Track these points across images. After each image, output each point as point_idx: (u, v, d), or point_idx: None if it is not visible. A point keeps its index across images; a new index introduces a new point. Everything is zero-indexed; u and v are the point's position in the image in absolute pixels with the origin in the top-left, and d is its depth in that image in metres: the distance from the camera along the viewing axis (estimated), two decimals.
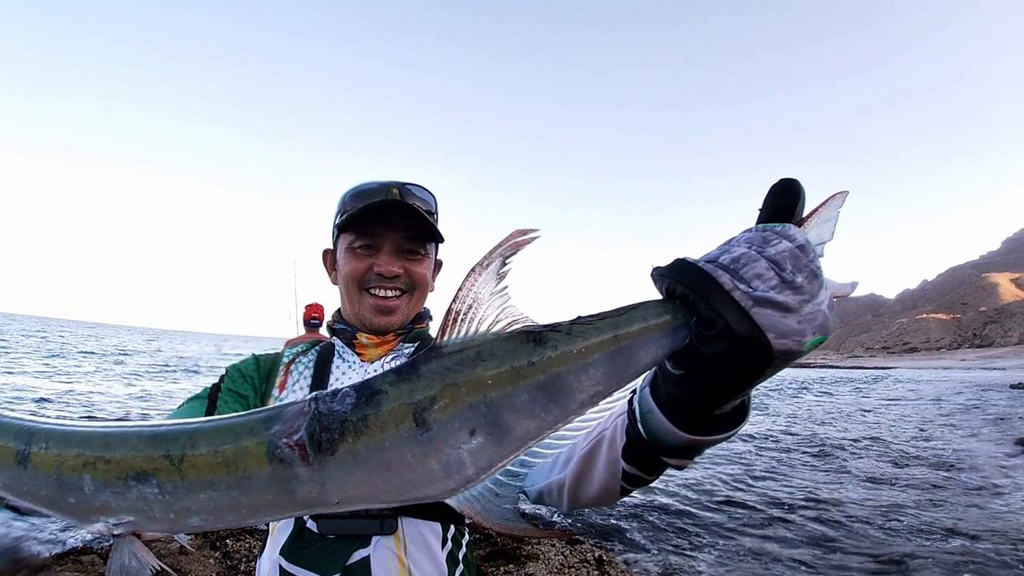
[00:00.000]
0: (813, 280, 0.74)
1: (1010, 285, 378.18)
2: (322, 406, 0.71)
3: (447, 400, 0.69)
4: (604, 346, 0.74)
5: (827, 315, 0.74)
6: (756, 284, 0.73)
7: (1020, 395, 33.52)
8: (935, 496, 9.48)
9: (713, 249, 0.80)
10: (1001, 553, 6.57)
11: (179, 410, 1.57)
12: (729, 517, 7.99)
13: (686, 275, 0.76)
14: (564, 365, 0.72)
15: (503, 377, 0.70)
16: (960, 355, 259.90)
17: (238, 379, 1.68)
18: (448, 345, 0.72)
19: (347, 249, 1.69)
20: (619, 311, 0.77)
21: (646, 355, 0.76)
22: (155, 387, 21.13)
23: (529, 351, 0.72)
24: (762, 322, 0.71)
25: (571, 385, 0.73)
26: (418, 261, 1.72)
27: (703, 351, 0.75)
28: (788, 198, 0.82)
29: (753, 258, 0.75)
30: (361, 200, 1.64)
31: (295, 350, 1.79)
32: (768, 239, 0.77)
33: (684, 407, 0.84)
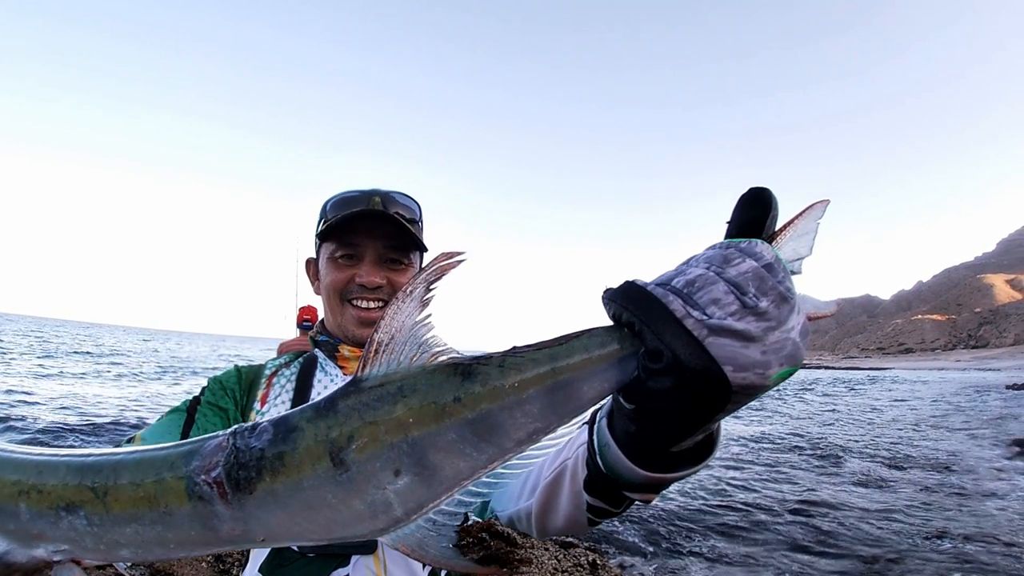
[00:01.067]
0: (781, 304, 0.66)
1: (1005, 286, 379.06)
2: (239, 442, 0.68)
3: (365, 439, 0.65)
4: (541, 380, 0.68)
5: (797, 343, 0.66)
6: (712, 310, 0.65)
7: (1015, 396, 33.57)
8: (929, 498, 9.50)
9: (669, 270, 0.72)
10: (993, 554, 6.59)
11: (157, 423, 1.53)
12: (725, 519, 8.00)
13: (633, 300, 0.68)
14: (495, 401, 0.66)
15: (426, 414, 0.65)
16: (955, 356, 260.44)
17: (219, 392, 1.64)
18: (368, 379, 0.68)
19: (328, 259, 1.67)
20: (560, 340, 0.70)
21: (590, 389, 0.69)
22: (150, 389, 20.93)
23: (455, 386, 0.66)
24: (718, 354, 0.63)
25: (504, 423, 0.67)
26: (401, 271, 1.68)
27: (651, 386, 0.67)
28: (757, 209, 0.74)
29: (711, 280, 0.67)
30: (342, 208, 1.62)
31: (277, 362, 1.75)
32: (730, 258, 0.69)
33: (639, 443, 0.76)
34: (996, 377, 62.92)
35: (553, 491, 1.02)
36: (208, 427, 1.53)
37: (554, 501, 1.03)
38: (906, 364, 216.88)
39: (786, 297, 0.66)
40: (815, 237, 0.83)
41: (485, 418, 0.66)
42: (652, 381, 0.66)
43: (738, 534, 7.40)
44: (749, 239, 0.71)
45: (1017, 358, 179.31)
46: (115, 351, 44.18)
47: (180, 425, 1.52)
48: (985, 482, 10.77)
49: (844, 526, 7.79)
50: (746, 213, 0.75)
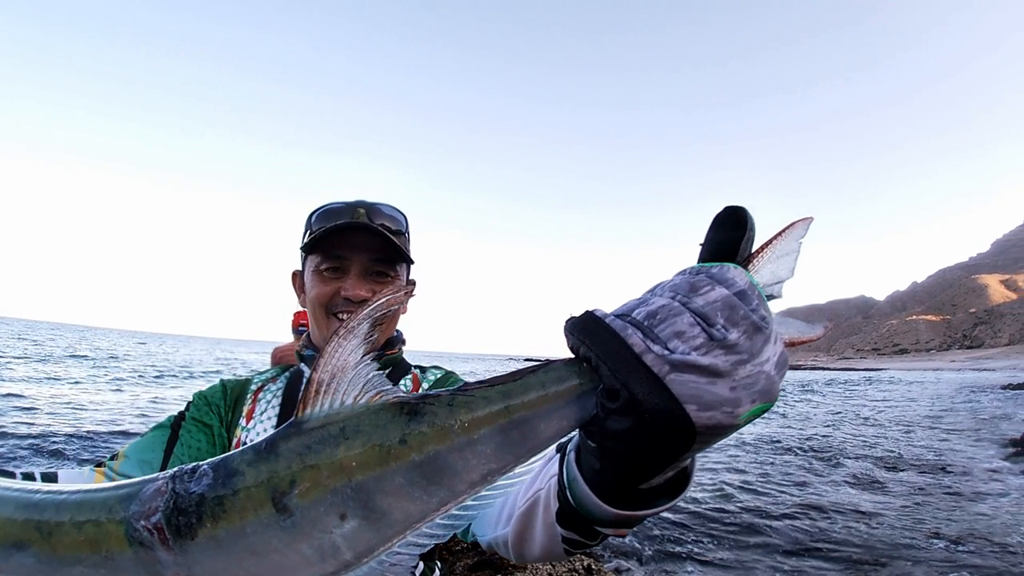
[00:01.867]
0: (754, 334, 0.60)
1: (1000, 286, 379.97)
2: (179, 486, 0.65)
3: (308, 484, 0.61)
4: (493, 419, 0.63)
5: (771, 377, 0.60)
6: (675, 344, 0.58)
7: (1010, 396, 33.63)
8: (923, 499, 9.51)
9: (633, 298, 0.66)
10: (985, 555, 6.61)
11: (141, 440, 1.50)
12: (721, 522, 7.99)
13: (590, 334, 0.62)
14: (444, 442, 0.62)
15: (370, 458, 0.61)
16: (950, 356, 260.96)
17: (203, 407, 1.62)
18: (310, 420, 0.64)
19: (314, 272, 1.63)
20: (515, 375, 0.66)
21: (548, 427, 0.64)
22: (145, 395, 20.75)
23: (401, 426, 0.63)
24: (680, 392, 0.57)
25: (455, 464, 0.62)
26: (387, 283, 1.65)
27: (609, 425, 0.61)
28: (732, 230, 0.69)
29: (675, 311, 0.61)
30: (327, 220, 1.59)
31: (264, 377, 1.73)
32: (697, 286, 0.62)
33: (605, 481, 0.70)
34: (991, 377, 63.02)
35: (527, 521, 0.96)
36: (192, 443, 1.52)
37: (529, 531, 0.96)
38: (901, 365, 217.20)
39: (760, 327, 0.60)
40: (797, 258, 0.77)
41: (434, 460, 0.62)
42: (610, 421, 0.60)
43: (733, 537, 7.40)
44: (722, 263, 0.65)
45: (1012, 358, 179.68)
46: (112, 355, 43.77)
47: (164, 442, 1.50)
48: (979, 483, 10.78)
49: (838, 528, 7.78)
50: (720, 235, 0.69)
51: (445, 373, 1.76)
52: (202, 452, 1.53)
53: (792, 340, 0.71)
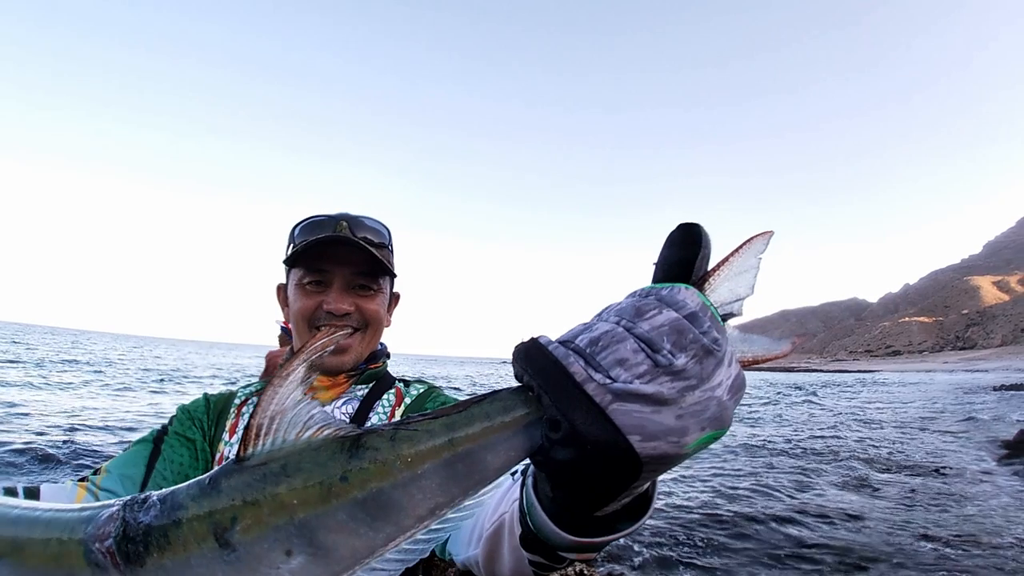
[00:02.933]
0: (705, 358, 0.57)
1: (992, 288, 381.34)
2: (128, 514, 0.65)
3: (249, 521, 0.60)
4: (437, 453, 0.62)
5: (723, 403, 0.57)
6: (617, 372, 0.56)
7: (1003, 397, 33.76)
8: (914, 500, 9.54)
9: (580, 323, 0.64)
10: (974, 556, 6.64)
11: (124, 455, 1.50)
12: (712, 526, 7.98)
13: (532, 362, 0.60)
14: (386, 478, 0.61)
15: (311, 495, 0.60)
16: (943, 358, 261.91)
17: (186, 422, 1.61)
18: (252, 457, 0.63)
19: (297, 285, 1.63)
20: (459, 406, 0.64)
21: (495, 459, 0.62)
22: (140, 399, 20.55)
23: (342, 463, 0.61)
24: (623, 421, 0.54)
25: (399, 500, 0.61)
26: (370, 297, 1.65)
27: (554, 456, 0.58)
28: (685, 248, 0.66)
29: (618, 337, 0.58)
30: (310, 233, 1.59)
31: (248, 390, 1.72)
32: (644, 309, 0.60)
33: (559, 509, 0.68)
34: (984, 378, 63.24)
35: (495, 544, 0.94)
36: (175, 458, 1.51)
37: (497, 553, 0.94)
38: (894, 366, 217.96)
39: (711, 350, 0.58)
40: (757, 274, 0.74)
41: (376, 497, 0.60)
42: (555, 451, 0.58)
43: (724, 541, 7.40)
44: (673, 284, 0.63)
45: (1005, 359, 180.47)
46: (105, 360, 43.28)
47: (146, 457, 1.49)
48: (971, 485, 10.81)
49: (828, 530, 7.81)
50: (673, 254, 0.67)
51: (428, 388, 1.76)
52: (184, 467, 1.52)
53: (756, 358, 0.69)
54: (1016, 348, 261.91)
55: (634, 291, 0.65)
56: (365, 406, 1.62)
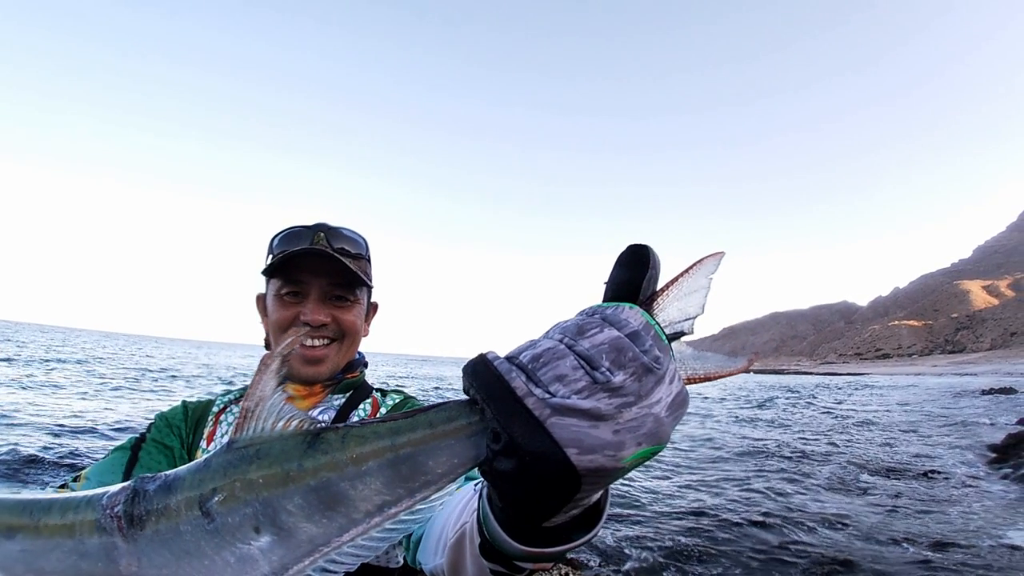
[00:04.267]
0: (644, 376, 0.60)
1: (981, 292, 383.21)
2: (138, 484, 0.73)
3: (225, 495, 0.68)
4: (380, 453, 0.67)
5: (661, 419, 0.59)
6: (556, 388, 0.58)
7: (991, 401, 33.84)
8: (898, 503, 9.59)
9: (527, 340, 0.66)
10: (952, 560, 6.72)
11: (102, 461, 1.53)
12: (697, 531, 8.01)
13: (478, 376, 0.63)
14: (334, 471, 0.67)
15: (274, 478, 0.67)
16: (932, 361, 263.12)
17: (164, 429, 1.63)
18: (238, 441, 0.71)
19: (275, 296, 1.65)
20: (408, 413, 0.69)
21: (437, 464, 0.67)
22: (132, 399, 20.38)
23: (300, 453, 0.68)
24: (560, 435, 0.56)
25: (347, 493, 0.66)
26: (347, 308, 1.67)
27: (496, 467, 0.61)
28: (634, 269, 0.69)
29: (559, 354, 0.61)
30: (287, 244, 1.61)
31: (226, 398, 1.74)
32: (585, 328, 0.63)
33: (509, 519, 0.70)
34: (973, 382, 63.43)
35: (458, 553, 0.95)
36: (153, 465, 1.54)
37: (460, 563, 0.96)
38: (883, 369, 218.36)
39: (650, 368, 0.60)
40: (707, 294, 0.77)
41: (327, 486, 0.66)
42: (496, 462, 0.61)
43: (712, 545, 7.42)
44: (618, 304, 0.66)
45: (994, 362, 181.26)
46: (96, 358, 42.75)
47: (124, 463, 1.52)
48: (956, 488, 10.87)
49: (812, 533, 7.85)
50: (622, 274, 0.70)
51: (404, 398, 1.79)
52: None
53: (708, 375, 0.72)
54: (1005, 352, 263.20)
55: (583, 309, 0.68)
56: (342, 415, 1.64)
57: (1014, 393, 38.74)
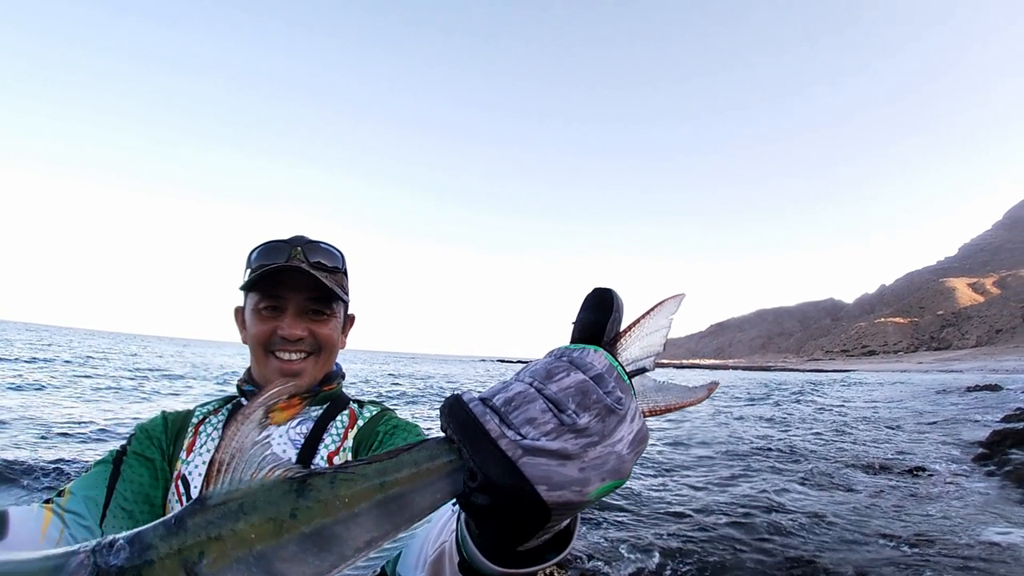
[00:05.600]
0: (607, 416, 0.65)
1: (967, 289, 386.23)
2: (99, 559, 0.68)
3: (215, 555, 0.66)
4: (370, 494, 0.70)
5: (622, 456, 0.65)
6: (527, 430, 0.63)
7: (976, 398, 33.93)
8: (879, 501, 9.68)
9: (499, 383, 0.71)
10: (926, 555, 6.80)
11: (85, 477, 1.52)
12: (683, 528, 8.04)
13: (454, 418, 0.68)
14: (328, 516, 0.68)
15: (266, 530, 0.67)
16: (918, 358, 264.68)
17: (145, 441, 1.64)
18: (213, 497, 0.69)
19: (252, 310, 1.67)
20: (392, 453, 0.72)
21: (422, 500, 0.70)
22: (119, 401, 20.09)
23: (291, 501, 0.69)
24: (531, 473, 0.61)
25: (341, 534, 0.68)
26: (323, 322, 1.69)
27: (473, 501, 0.66)
28: (598, 312, 0.75)
29: (530, 398, 0.66)
30: (265, 258, 1.63)
31: (205, 409, 1.76)
32: (553, 372, 0.68)
33: (485, 544, 0.75)
34: (959, 379, 63.74)
35: (438, 569, 0.98)
36: (135, 478, 1.54)
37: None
38: (870, 366, 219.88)
39: (613, 409, 0.65)
40: (668, 332, 0.82)
41: (321, 531, 0.68)
42: (474, 497, 0.66)
43: (699, 542, 7.45)
44: (584, 347, 0.71)
45: (979, 359, 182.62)
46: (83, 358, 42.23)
47: (107, 478, 1.52)
48: (938, 485, 10.96)
49: (790, 529, 7.94)
50: (588, 317, 0.75)
51: (381, 410, 1.81)
52: (145, 486, 1.55)
53: (669, 406, 0.77)
54: (990, 349, 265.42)
55: (551, 351, 0.73)
56: (319, 427, 1.66)
57: (999, 390, 39.01)
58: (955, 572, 6.33)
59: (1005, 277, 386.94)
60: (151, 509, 1.54)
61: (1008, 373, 79.00)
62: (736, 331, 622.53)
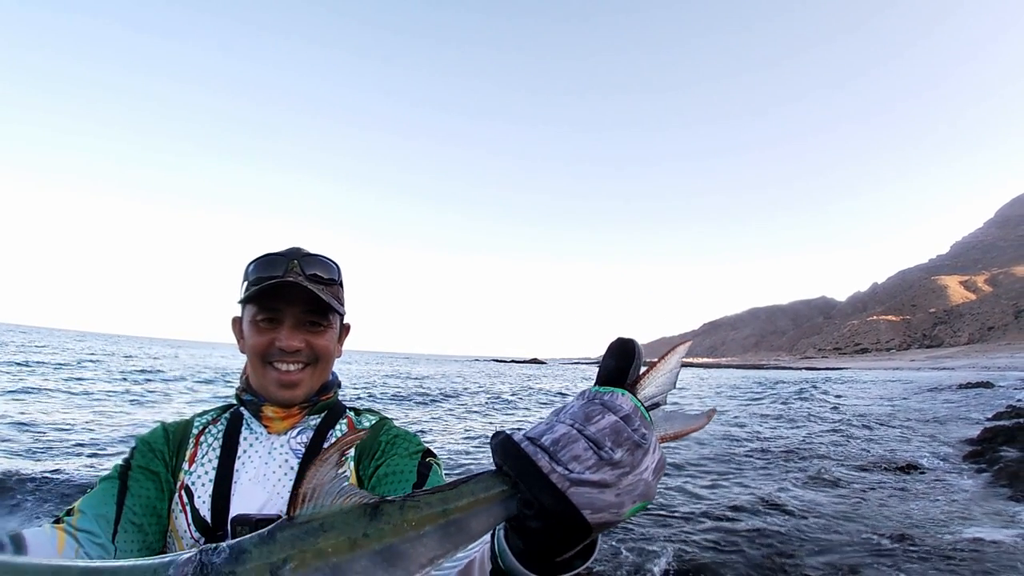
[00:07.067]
0: (635, 450, 0.79)
1: (959, 287, 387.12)
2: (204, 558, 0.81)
3: (296, 563, 0.78)
4: (434, 519, 0.81)
5: (649, 483, 0.79)
6: (573, 466, 0.76)
7: (968, 395, 33.95)
8: (865, 497, 9.79)
9: (541, 424, 0.84)
10: (915, 551, 6.89)
11: (93, 494, 1.55)
12: (679, 524, 8.16)
13: (509, 456, 0.81)
14: (397, 536, 0.80)
15: (342, 546, 0.79)
16: (910, 356, 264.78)
17: (148, 455, 1.67)
18: (300, 516, 0.82)
19: (250, 322, 1.70)
20: (453, 484, 0.85)
21: (478, 524, 0.83)
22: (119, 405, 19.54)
23: (365, 524, 0.81)
24: (578, 500, 0.75)
25: (406, 552, 0.80)
26: (320, 333, 1.72)
27: (527, 524, 0.80)
28: (622, 359, 0.87)
29: (573, 439, 0.79)
30: (263, 272, 1.66)
31: (204, 419, 1.78)
32: (591, 416, 0.81)
33: (528, 556, 0.87)
34: (950, 376, 63.61)
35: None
36: (142, 493, 1.57)
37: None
38: (862, 364, 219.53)
39: (639, 444, 0.79)
40: (679, 373, 0.95)
41: (390, 549, 0.79)
42: (528, 521, 0.80)
43: (696, 535, 7.53)
44: (612, 390, 0.84)
45: (971, 357, 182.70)
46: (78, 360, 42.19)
47: (115, 494, 1.54)
48: (928, 482, 11.07)
49: (775, 525, 8.05)
50: (613, 363, 0.88)
51: (380, 419, 1.85)
52: (152, 499, 1.58)
53: (676, 434, 0.91)
54: (982, 346, 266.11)
55: (582, 393, 0.87)
56: (319, 436, 1.71)
57: (991, 387, 39.10)
58: (942, 567, 6.44)
59: (997, 275, 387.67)
60: (159, 521, 1.57)
61: (1000, 370, 78.94)
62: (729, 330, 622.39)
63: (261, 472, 1.62)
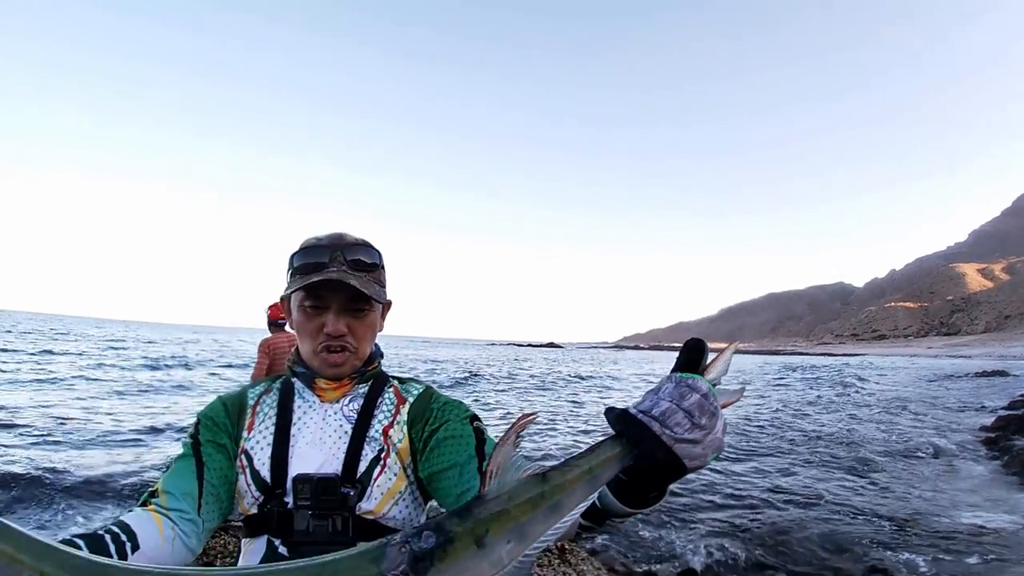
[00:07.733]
0: (712, 418, 1.07)
1: (977, 275, 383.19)
2: (414, 545, 0.94)
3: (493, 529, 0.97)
4: (583, 476, 1.05)
5: (721, 439, 1.09)
6: (676, 430, 1.04)
7: (984, 383, 33.94)
8: (874, 481, 9.88)
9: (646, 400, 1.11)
10: (917, 535, 7.01)
11: (172, 474, 1.64)
12: (691, 505, 8.27)
13: (629, 425, 1.08)
14: (561, 493, 1.02)
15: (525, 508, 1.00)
16: (927, 343, 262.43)
17: (213, 428, 1.75)
18: (488, 492, 1.01)
19: (299, 307, 1.78)
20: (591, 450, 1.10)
21: (606, 474, 1.07)
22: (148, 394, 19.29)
23: (540, 488, 1.02)
24: (680, 453, 1.04)
25: (565, 503, 1.02)
26: (362, 318, 1.80)
27: (644, 469, 1.09)
28: (697, 354, 1.16)
29: (674, 411, 1.06)
30: (307, 258, 1.74)
31: (257, 391, 1.88)
32: (684, 395, 1.08)
33: (629, 493, 1.17)
34: (967, 364, 62.97)
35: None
36: (216, 466, 1.68)
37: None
38: (879, 350, 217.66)
39: (714, 413, 1.08)
40: (729, 364, 1.22)
41: (557, 504, 1.02)
42: (644, 470, 1.09)
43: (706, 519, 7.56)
44: (692, 375, 1.11)
45: (988, 345, 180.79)
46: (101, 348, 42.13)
47: (194, 470, 1.65)
48: (938, 469, 11.13)
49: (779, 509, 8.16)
50: (690, 356, 1.16)
51: (425, 388, 1.94)
52: (224, 470, 1.69)
53: (725, 403, 1.16)
54: (999, 335, 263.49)
55: (670, 377, 1.14)
56: (369, 403, 1.81)
57: (1007, 376, 38.88)
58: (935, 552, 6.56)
59: (1014, 263, 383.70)
60: (229, 487, 1.69)
61: (1016, 359, 78.19)
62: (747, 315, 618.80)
63: (317, 436, 1.71)
